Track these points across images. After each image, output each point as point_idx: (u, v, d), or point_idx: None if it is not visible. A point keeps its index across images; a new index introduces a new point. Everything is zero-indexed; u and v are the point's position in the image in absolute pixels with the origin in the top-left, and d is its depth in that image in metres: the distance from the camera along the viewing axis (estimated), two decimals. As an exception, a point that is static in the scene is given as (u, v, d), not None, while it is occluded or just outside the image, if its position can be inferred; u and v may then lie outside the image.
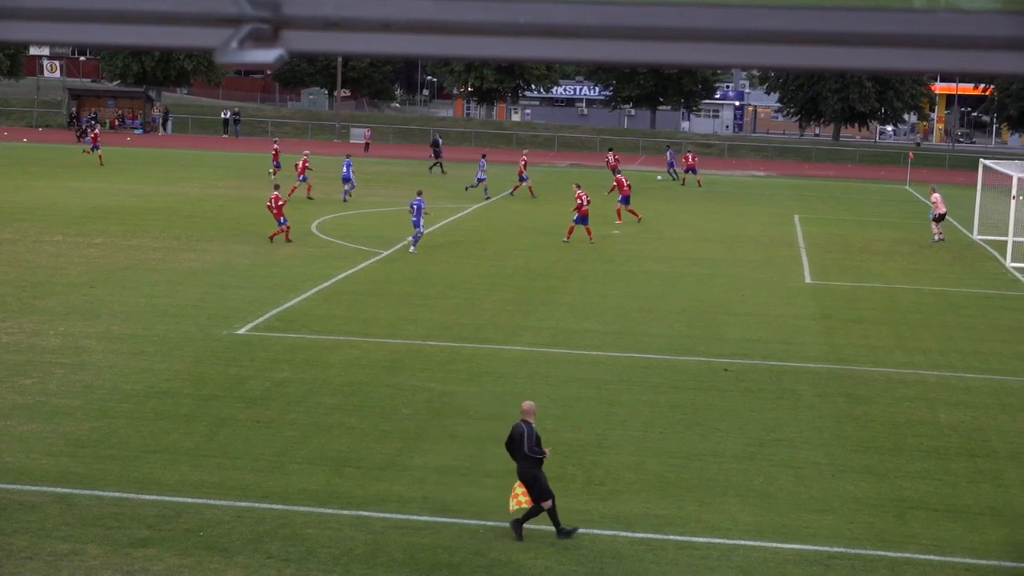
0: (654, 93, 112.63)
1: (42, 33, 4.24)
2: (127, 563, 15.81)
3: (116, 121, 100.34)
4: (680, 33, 4.13)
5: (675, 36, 4.13)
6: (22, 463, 19.37)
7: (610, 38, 4.14)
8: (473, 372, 26.09)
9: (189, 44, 4.19)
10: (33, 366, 25.06)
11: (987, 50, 4.12)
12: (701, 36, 4.16)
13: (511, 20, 4.13)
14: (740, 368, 27.15)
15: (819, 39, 4.15)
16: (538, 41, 4.17)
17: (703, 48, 4.19)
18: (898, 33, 4.12)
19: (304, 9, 4.18)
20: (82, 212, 48.37)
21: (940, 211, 49.15)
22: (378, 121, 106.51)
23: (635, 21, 4.11)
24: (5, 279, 33.84)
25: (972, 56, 4.15)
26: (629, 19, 4.11)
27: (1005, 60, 4.12)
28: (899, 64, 4.21)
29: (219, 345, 27.50)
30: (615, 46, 4.17)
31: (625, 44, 4.15)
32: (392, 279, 36.49)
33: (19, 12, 4.17)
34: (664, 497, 19.09)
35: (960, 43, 4.11)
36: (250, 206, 52.38)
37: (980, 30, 4.10)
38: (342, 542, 16.79)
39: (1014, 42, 4.06)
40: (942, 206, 49.27)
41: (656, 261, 42.13)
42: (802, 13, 4.12)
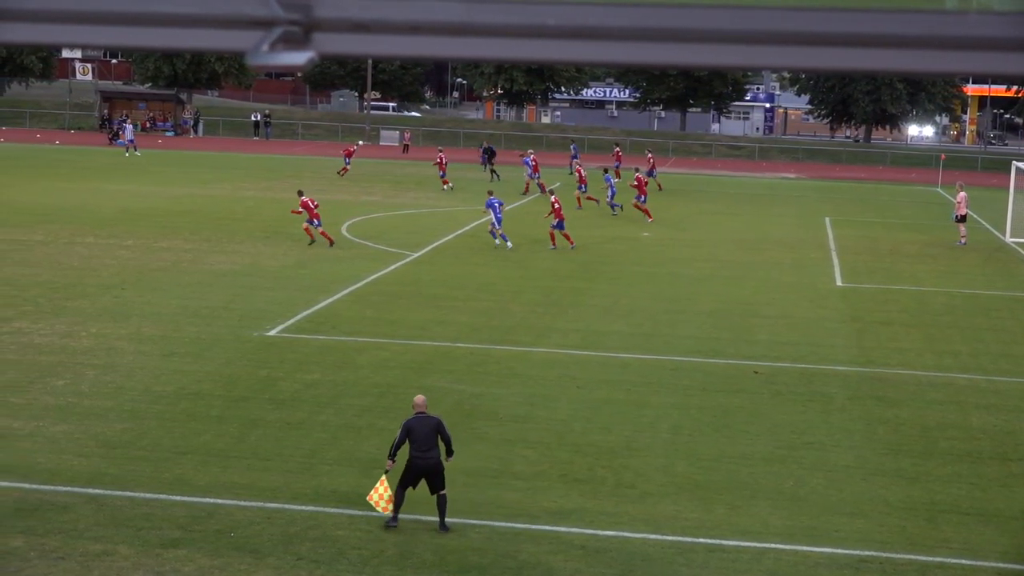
0: (684, 95, 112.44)
1: (76, 36, 4.27)
2: (158, 564, 15.87)
3: (147, 123, 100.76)
4: (708, 35, 4.13)
5: (703, 38, 4.13)
6: (54, 464, 19.47)
7: (639, 40, 4.14)
8: (502, 374, 26.09)
9: (221, 47, 4.21)
10: (65, 367, 25.19)
11: (997, 51, 4.11)
12: (729, 38, 4.16)
13: (540, 22, 4.14)
14: (770, 371, 27.07)
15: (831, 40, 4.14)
16: (567, 43, 4.18)
17: (730, 50, 4.19)
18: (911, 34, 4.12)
19: (334, 12, 4.20)
20: (113, 214, 48.60)
21: (961, 212, 48.84)
22: (408, 123, 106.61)
23: (663, 23, 4.11)
24: (37, 280, 34.03)
25: (983, 57, 4.14)
26: (657, 21, 4.11)
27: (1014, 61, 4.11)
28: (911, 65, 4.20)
29: (249, 347, 27.58)
30: (644, 47, 4.17)
31: (654, 46, 4.15)
32: (421, 281, 36.52)
33: (51, 16, 4.20)
34: (694, 500, 19.04)
35: (969, 44, 4.10)
36: (280, 208, 52.51)
37: (989, 31, 4.09)
38: (372, 544, 16.81)
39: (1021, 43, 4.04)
40: (964, 207, 48.95)
41: (684, 263, 42.05)
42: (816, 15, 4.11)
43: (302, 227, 42.33)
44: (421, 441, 17.44)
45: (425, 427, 17.54)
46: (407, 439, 17.51)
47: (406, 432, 17.54)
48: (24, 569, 15.58)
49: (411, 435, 17.50)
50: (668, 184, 73.23)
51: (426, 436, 17.48)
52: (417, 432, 17.49)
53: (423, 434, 17.47)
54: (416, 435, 17.48)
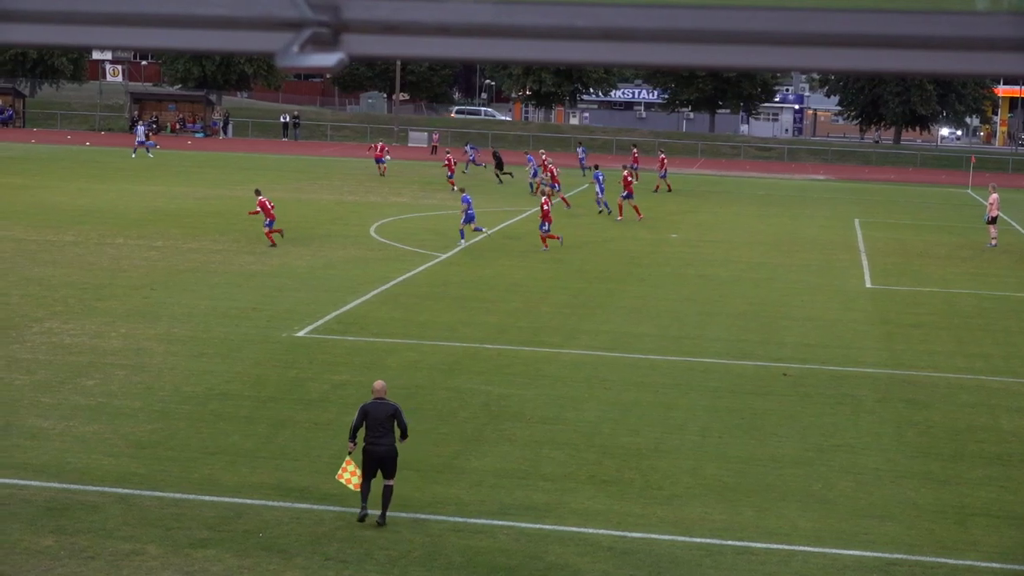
0: (713, 96, 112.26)
1: (107, 37, 4.28)
2: (187, 564, 15.93)
3: (177, 125, 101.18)
4: (738, 36, 4.12)
5: (733, 39, 4.12)
6: (84, 463, 19.56)
7: (668, 41, 4.13)
8: (530, 375, 26.09)
9: (250, 48, 4.21)
10: (95, 367, 25.31)
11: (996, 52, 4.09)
12: (757, 39, 4.15)
13: (569, 23, 4.13)
14: (799, 373, 26.99)
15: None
16: (596, 44, 4.17)
17: (758, 51, 4.18)
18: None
19: (364, 13, 4.20)
20: (143, 215, 48.82)
21: (993, 214, 48.60)
22: (437, 125, 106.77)
23: (693, 24, 4.10)
24: (68, 281, 34.20)
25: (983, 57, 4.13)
26: (687, 22, 4.10)
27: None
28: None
29: (278, 347, 27.66)
30: (673, 49, 4.16)
31: (683, 47, 4.14)
32: (450, 282, 36.55)
33: (83, 17, 4.21)
34: (722, 502, 19.00)
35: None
36: (309, 209, 52.70)
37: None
38: (400, 544, 16.84)
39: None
40: (996, 209, 48.73)
41: (713, 265, 41.97)
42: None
43: (264, 233, 42.31)
44: (375, 427, 17.51)
45: (381, 413, 17.59)
46: (363, 424, 17.58)
47: (363, 416, 17.60)
48: (54, 568, 15.67)
49: (366, 420, 17.57)
50: (697, 186, 73.21)
51: (380, 422, 17.54)
52: (372, 417, 17.56)
53: (378, 420, 17.54)
54: (371, 420, 17.55)
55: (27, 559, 15.89)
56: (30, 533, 16.71)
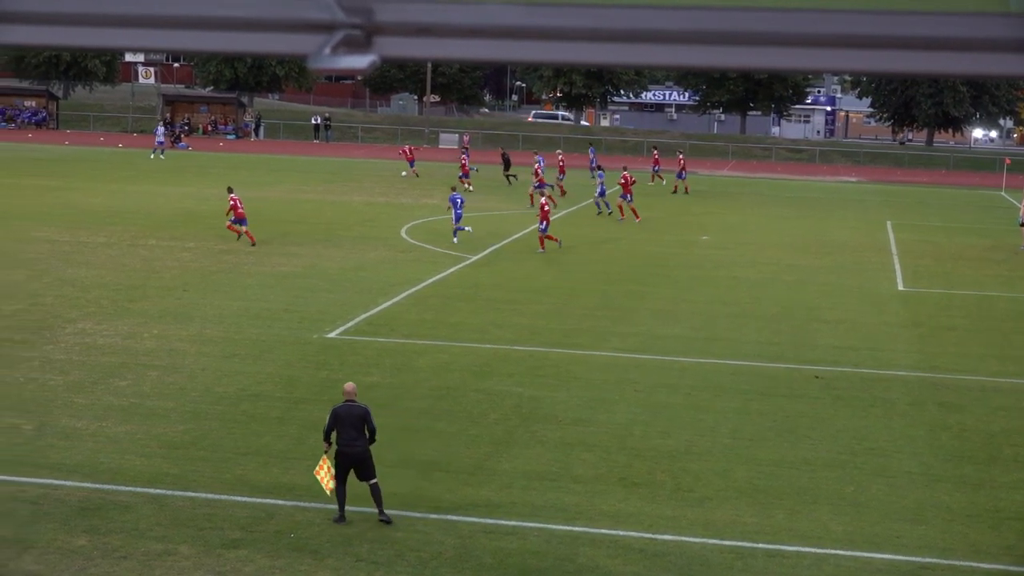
0: (744, 98, 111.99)
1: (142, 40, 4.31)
2: (219, 564, 15.98)
3: (209, 126, 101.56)
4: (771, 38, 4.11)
5: (767, 41, 4.11)
6: (117, 464, 19.65)
7: (698, 43, 4.13)
8: (561, 377, 26.07)
9: (283, 50, 4.23)
10: (128, 368, 25.42)
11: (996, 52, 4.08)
12: (790, 41, 4.14)
13: (599, 25, 4.13)
14: (831, 375, 26.89)
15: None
16: (626, 46, 4.17)
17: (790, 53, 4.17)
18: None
19: (395, 16, 4.21)
20: (175, 216, 49.00)
21: None
22: (467, 126, 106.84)
23: (723, 26, 4.10)
24: (101, 282, 34.36)
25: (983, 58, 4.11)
26: (717, 24, 4.10)
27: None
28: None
29: (309, 348, 27.72)
30: (703, 50, 4.16)
31: (713, 48, 4.14)
32: (481, 284, 36.56)
33: (119, 20, 4.24)
34: (754, 505, 18.94)
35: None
36: (340, 210, 52.83)
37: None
38: (430, 546, 16.85)
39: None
40: None
41: (744, 267, 41.86)
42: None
43: (227, 225, 42.97)
44: (347, 429, 17.54)
45: (351, 416, 17.61)
46: (335, 427, 17.64)
47: (334, 419, 17.63)
48: (87, 568, 15.74)
49: (338, 423, 17.60)
50: (728, 187, 73.08)
51: (352, 424, 17.57)
52: (343, 420, 17.59)
53: (349, 423, 17.57)
54: (342, 423, 17.58)
55: (61, 559, 15.98)
56: (64, 533, 16.80)
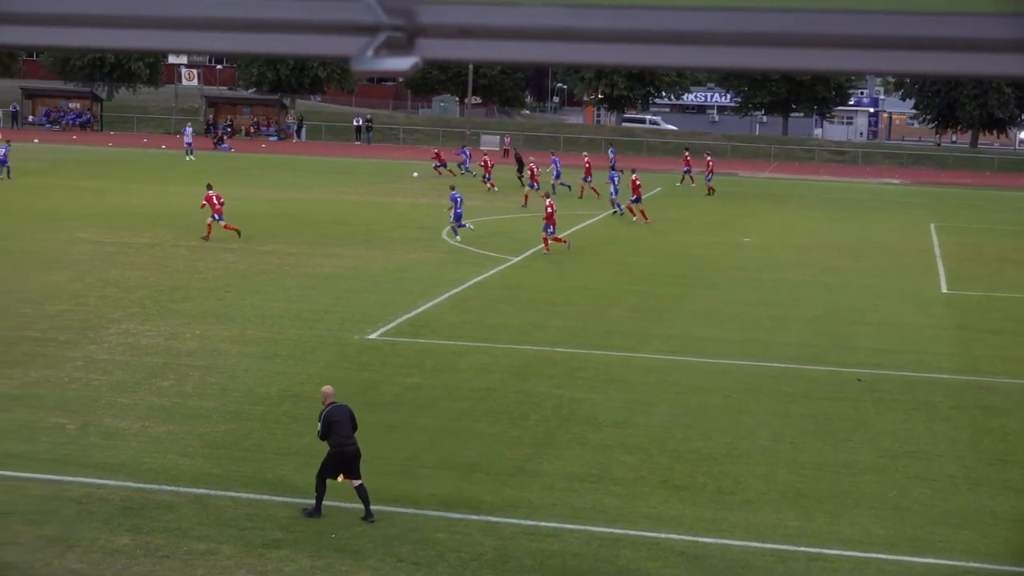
0: (786, 99, 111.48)
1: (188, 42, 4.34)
2: (261, 564, 16.05)
3: (251, 128, 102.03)
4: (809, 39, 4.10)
5: (805, 42, 4.10)
6: (159, 463, 19.76)
7: (740, 44, 4.12)
8: (601, 379, 26.05)
9: (326, 52, 4.25)
10: (170, 368, 25.56)
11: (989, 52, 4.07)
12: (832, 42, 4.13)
13: (640, 27, 4.13)
14: (873, 378, 26.74)
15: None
16: (667, 48, 4.17)
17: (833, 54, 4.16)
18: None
19: (438, 17, 4.22)
20: (218, 218, 49.19)
21: None
22: (508, 128, 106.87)
23: (765, 27, 4.09)
24: (144, 283, 34.58)
25: (973, 58, 4.10)
26: (760, 25, 4.09)
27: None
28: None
29: (351, 349, 27.80)
30: (745, 52, 4.15)
31: (755, 50, 4.13)
32: (522, 285, 36.57)
33: (167, 22, 4.27)
34: (795, 508, 18.87)
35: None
36: (381, 212, 52.95)
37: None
38: (471, 547, 16.86)
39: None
40: None
41: (785, 269, 41.70)
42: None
43: (206, 221, 43.31)
44: (342, 429, 17.81)
45: (343, 415, 17.90)
46: (331, 429, 17.87)
47: (329, 423, 17.87)
48: (130, 567, 15.85)
49: (334, 425, 17.83)
50: (770, 189, 72.81)
51: (345, 424, 17.88)
52: (340, 421, 17.85)
53: (343, 423, 17.86)
54: (338, 425, 17.82)
55: (103, 557, 16.09)
56: (106, 532, 16.91)
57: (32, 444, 20.57)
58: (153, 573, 15.70)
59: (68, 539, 16.65)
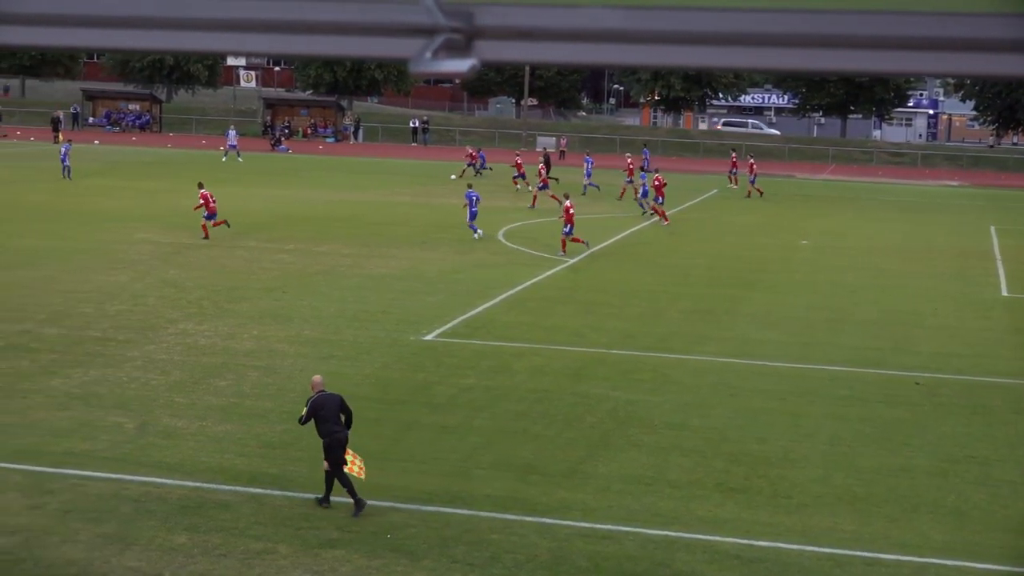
0: (845, 101, 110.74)
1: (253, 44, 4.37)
2: (316, 563, 16.12)
3: (309, 129, 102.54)
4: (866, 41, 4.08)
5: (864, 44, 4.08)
6: (217, 463, 19.89)
7: (797, 46, 4.11)
8: (657, 381, 25.98)
9: (384, 54, 4.27)
10: (227, 368, 25.73)
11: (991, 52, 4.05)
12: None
13: (698, 28, 4.13)
14: (931, 382, 26.52)
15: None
16: (724, 49, 4.16)
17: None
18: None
19: (496, 20, 4.23)
20: (274, 218, 49.52)
21: None
22: (564, 129, 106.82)
23: (822, 29, 4.07)
24: (202, 283, 34.83)
25: (975, 58, 4.08)
26: (817, 27, 4.07)
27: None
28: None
29: (406, 350, 27.87)
30: (802, 54, 4.14)
31: (813, 52, 4.12)
32: (577, 287, 36.54)
33: (226, 24, 4.30)
34: (852, 512, 18.74)
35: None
36: (438, 213, 53.05)
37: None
38: (526, 548, 16.86)
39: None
40: None
41: (842, 271, 41.43)
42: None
43: (201, 224, 43.65)
44: (331, 418, 18.04)
45: (331, 404, 18.14)
46: (315, 416, 18.09)
47: (315, 409, 18.08)
48: (187, 565, 15.96)
49: (321, 412, 18.04)
50: (828, 191, 72.40)
51: (334, 412, 18.11)
52: (327, 409, 18.06)
53: (331, 411, 18.08)
54: (327, 412, 18.04)
55: (161, 556, 16.22)
56: (164, 531, 17.04)
57: (91, 443, 20.78)
58: (210, 572, 15.81)
59: (126, 537, 16.79)
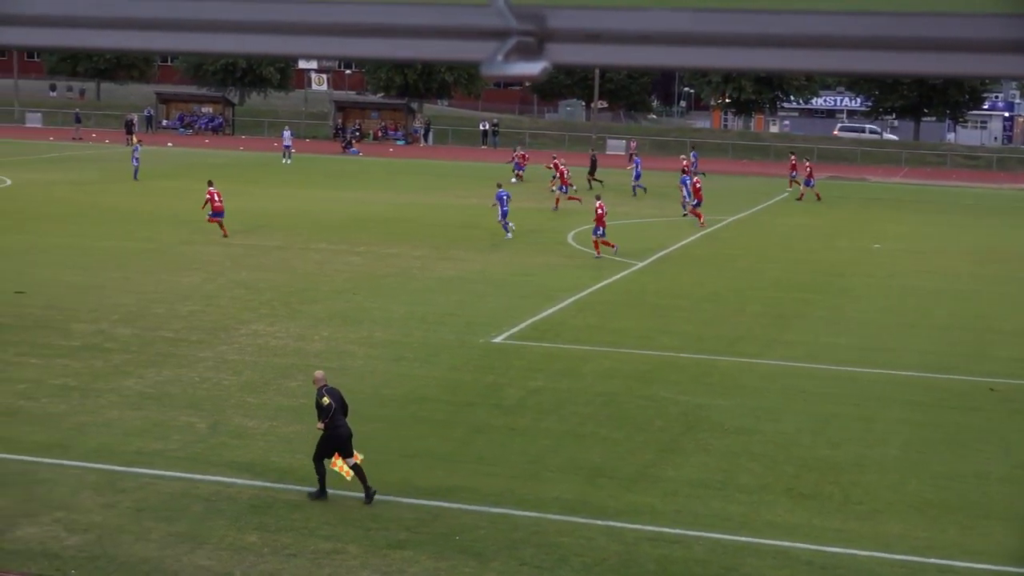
0: (918, 103, 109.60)
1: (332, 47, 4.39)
2: (385, 564, 16.19)
3: (379, 132, 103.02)
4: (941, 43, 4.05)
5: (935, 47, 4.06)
6: (287, 463, 20.02)
7: (868, 48, 4.09)
8: (727, 385, 25.86)
9: (457, 57, 4.29)
10: (298, 369, 25.88)
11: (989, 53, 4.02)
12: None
13: (767, 31, 4.11)
14: (1006, 388, 26.19)
15: None
16: (795, 52, 4.15)
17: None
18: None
19: (567, 22, 4.24)
20: (344, 220, 49.78)
21: None
22: (634, 132, 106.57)
23: (892, 31, 4.05)
24: (274, 285, 35.08)
25: (975, 58, 4.04)
26: (887, 29, 4.05)
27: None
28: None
29: (475, 353, 27.93)
30: (874, 56, 4.12)
31: (883, 54, 4.09)
32: (646, 290, 36.45)
33: (297, 27, 4.33)
34: (924, 519, 18.54)
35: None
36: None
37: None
38: (594, 551, 16.84)
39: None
40: None
41: (915, 275, 41.02)
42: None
43: (207, 220, 44.23)
44: (336, 413, 18.29)
45: (335, 399, 18.39)
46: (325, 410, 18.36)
47: (323, 406, 18.32)
48: (257, 564, 16.08)
49: (327, 407, 18.29)
50: (901, 195, 71.80)
51: (340, 408, 18.39)
52: (336, 404, 18.33)
53: (339, 406, 18.38)
54: (336, 407, 18.32)
55: (232, 555, 16.35)
56: (235, 530, 17.19)
57: (164, 442, 20.99)
58: (280, 571, 15.92)
59: (198, 536, 16.95)
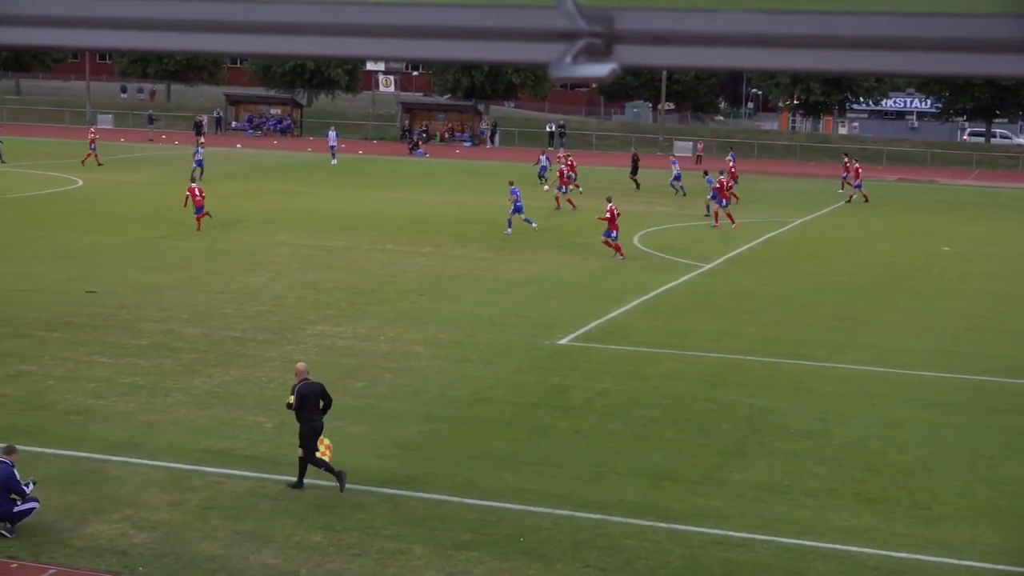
0: (990, 105, 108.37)
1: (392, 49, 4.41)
2: (450, 564, 16.22)
3: (446, 134, 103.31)
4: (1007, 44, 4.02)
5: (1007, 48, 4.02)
6: (352, 463, 20.09)
7: (939, 50, 4.06)
8: (794, 389, 25.70)
9: (525, 59, 4.29)
10: (364, 370, 26.01)
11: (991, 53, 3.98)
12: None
13: (838, 32, 4.09)
14: (1079, 393, 25.83)
15: None
16: (866, 53, 4.12)
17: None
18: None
19: (636, 24, 4.22)
20: (410, 222, 49.95)
21: None
22: (701, 134, 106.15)
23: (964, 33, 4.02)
24: (341, 285, 35.27)
25: (975, 58, 4.00)
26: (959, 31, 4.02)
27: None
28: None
29: (541, 354, 27.93)
30: (942, 58, 4.09)
31: (954, 56, 4.06)
32: (713, 292, 36.30)
33: (362, 30, 4.35)
34: (993, 525, 18.33)
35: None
36: (572, 217, 53.06)
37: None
38: (659, 554, 16.79)
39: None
40: None
41: (986, 279, 40.56)
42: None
43: (196, 216, 45.17)
44: (310, 406, 18.60)
45: (312, 392, 18.66)
46: (299, 404, 18.65)
47: (301, 398, 18.61)
48: (323, 563, 16.18)
49: (305, 401, 18.58)
50: (972, 197, 71.09)
51: (314, 401, 18.66)
52: (309, 399, 18.59)
53: (313, 400, 18.63)
54: (308, 401, 18.58)
55: (298, 554, 16.46)
56: (301, 529, 17.30)
57: (231, 441, 21.16)
58: (345, 571, 16.00)
59: (264, 535, 17.08)
